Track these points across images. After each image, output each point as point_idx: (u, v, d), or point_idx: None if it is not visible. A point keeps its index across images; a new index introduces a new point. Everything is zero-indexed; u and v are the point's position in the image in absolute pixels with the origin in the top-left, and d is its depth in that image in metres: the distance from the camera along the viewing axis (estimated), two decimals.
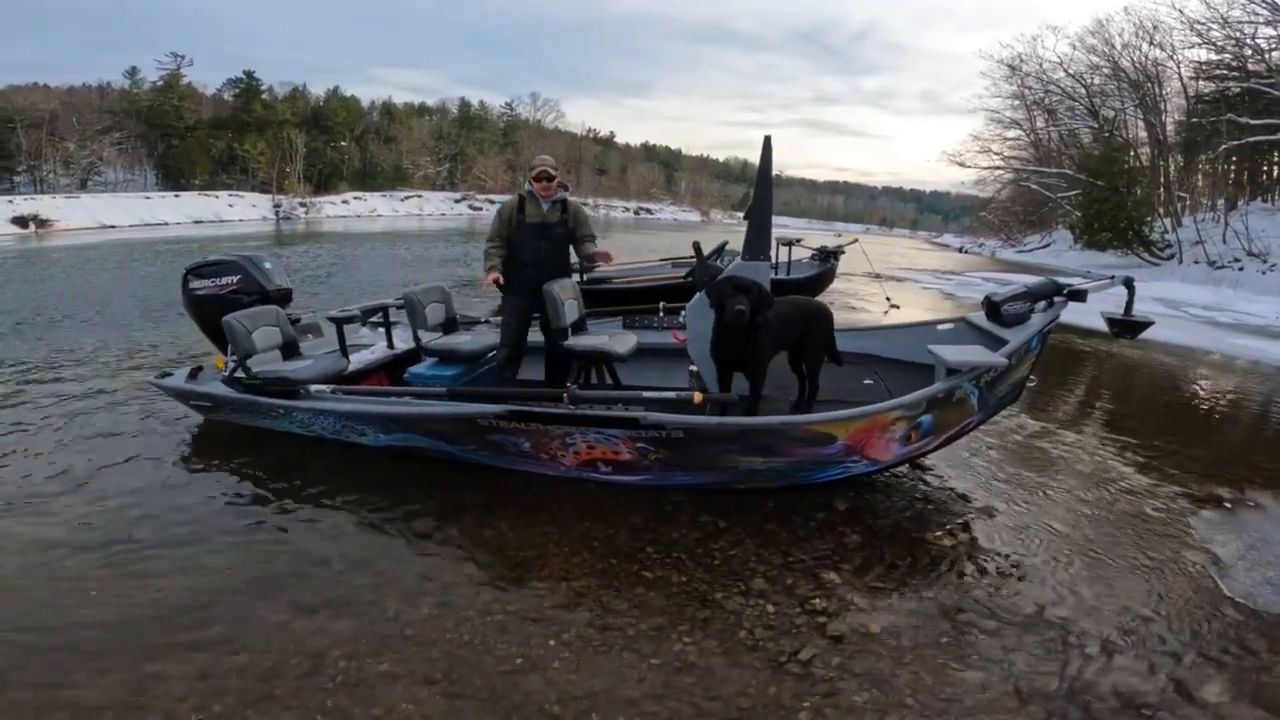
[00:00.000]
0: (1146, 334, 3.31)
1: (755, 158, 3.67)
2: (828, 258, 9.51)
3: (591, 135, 70.37)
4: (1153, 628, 2.32)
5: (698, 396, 2.82)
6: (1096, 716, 1.92)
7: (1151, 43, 21.20)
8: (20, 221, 28.51)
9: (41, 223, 28.84)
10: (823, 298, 9.77)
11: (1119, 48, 22.90)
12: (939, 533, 2.91)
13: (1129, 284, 3.16)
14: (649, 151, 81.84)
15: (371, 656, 2.09)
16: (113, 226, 26.92)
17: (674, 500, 3.10)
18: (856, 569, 2.61)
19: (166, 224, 28.30)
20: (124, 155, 40.39)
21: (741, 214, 4.13)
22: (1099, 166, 22.16)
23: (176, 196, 33.76)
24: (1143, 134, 23.41)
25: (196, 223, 29.35)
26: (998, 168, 31.05)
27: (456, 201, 47.65)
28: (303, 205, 37.26)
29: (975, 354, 2.97)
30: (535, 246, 3.93)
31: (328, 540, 2.77)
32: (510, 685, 2.00)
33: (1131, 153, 22.75)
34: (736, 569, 2.60)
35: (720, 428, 2.88)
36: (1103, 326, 3.24)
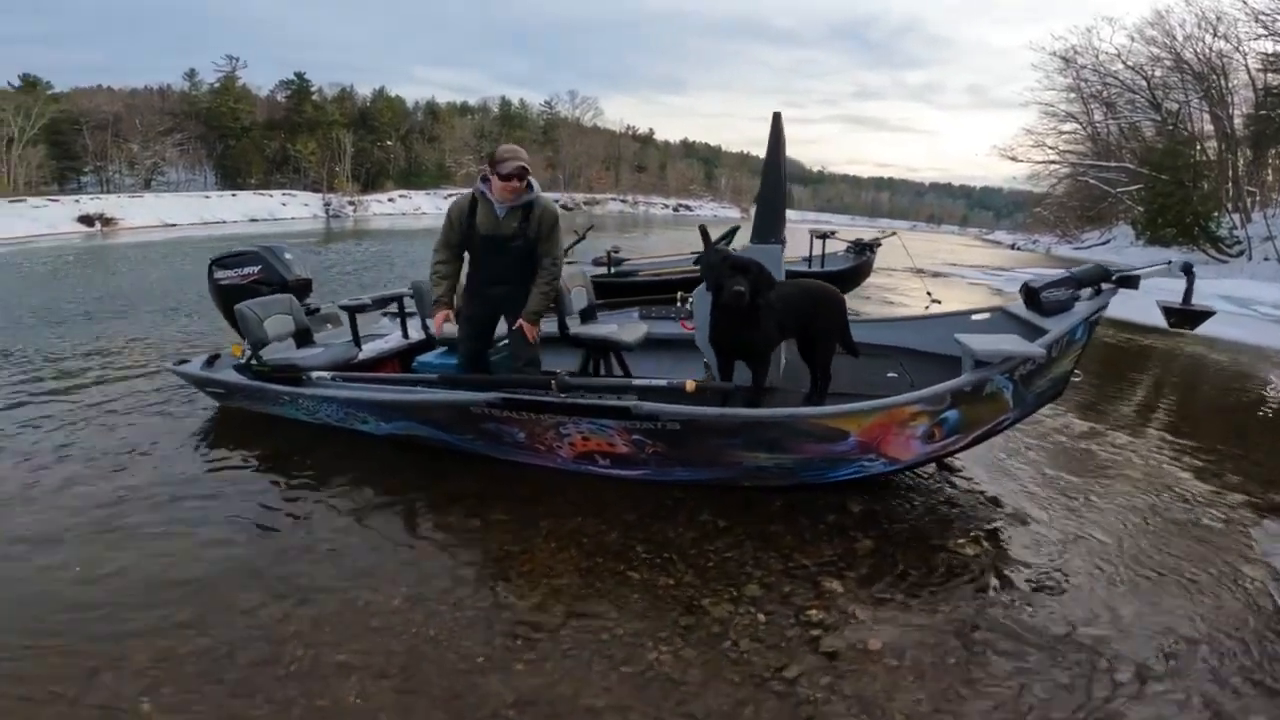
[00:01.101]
0: (1212, 332, 3.00)
1: (795, 154, 3.41)
2: (864, 250, 9.14)
3: (630, 132, 70.37)
4: (1198, 652, 2.03)
5: (690, 385, 2.63)
6: None
7: (1215, 34, 19.86)
8: (86, 220, 30.08)
9: (107, 221, 30.38)
10: (859, 292, 9.42)
11: (1180, 39, 21.55)
12: (961, 540, 2.64)
13: (1188, 270, 2.82)
14: (688, 148, 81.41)
15: (331, 646, 2.00)
16: (174, 225, 28.15)
17: (675, 496, 2.91)
18: (863, 578, 2.38)
19: (224, 222, 29.40)
20: (185, 155, 42.32)
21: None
22: (1162, 160, 21.13)
23: (234, 195, 35.13)
24: (1209, 127, 22.02)
25: (252, 220, 30.42)
26: (1053, 162, 29.59)
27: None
28: (351, 204, 38.33)
29: (1008, 343, 2.69)
30: (488, 262, 3.13)
31: (315, 528, 2.71)
32: (468, 684, 1.86)
33: (1197, 146, 21.44)
34: (730, 573, 2.40)
35: (719, 419, 2.67)
36: (1162, 322, 2.89)
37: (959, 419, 2.73)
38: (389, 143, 48.65)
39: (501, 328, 3.31)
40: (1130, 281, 2.83)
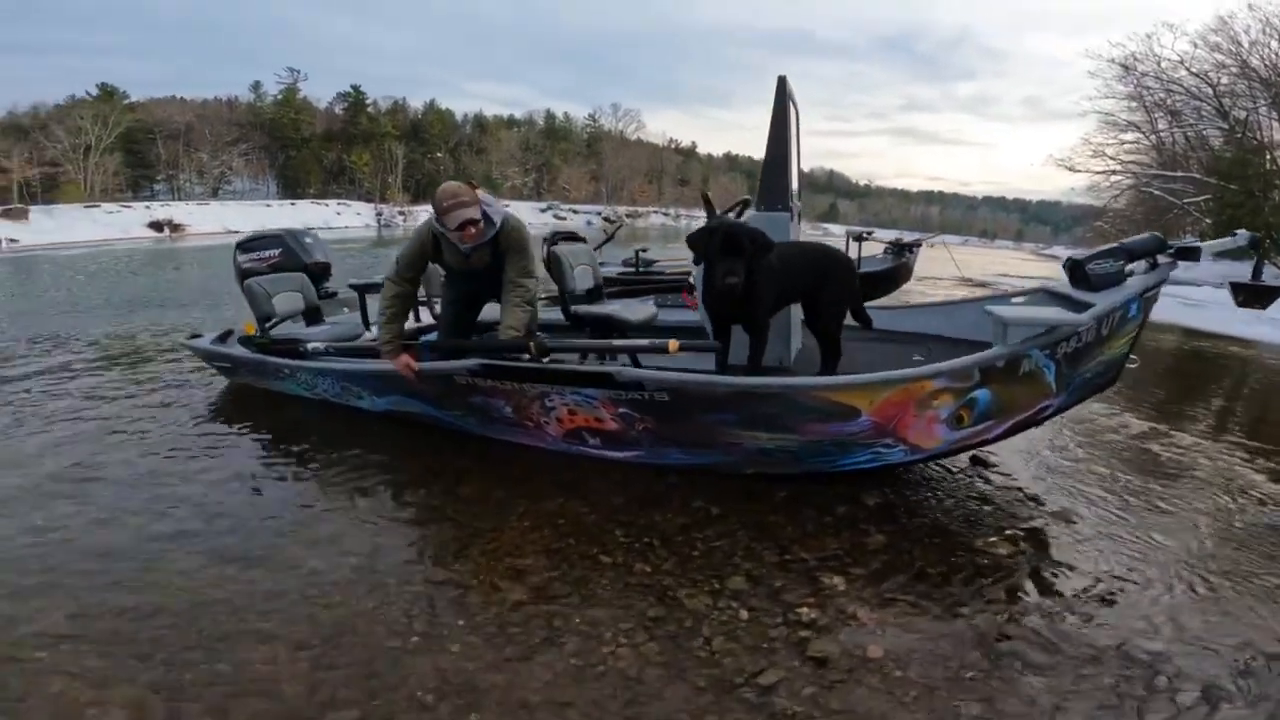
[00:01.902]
0: None
1: (841, 168, 3.10)
2: (902, 251, 8.70)
3: (673, 146, 70.55)
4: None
5: (673, 344, 2.35)
6: None
7: None
8: (156, 226, 31.79)
9: (175, 227, 32.05)
10: (896, 297, 8.95)
11: (1246, 45, 20.26)
12: (994, 538, 2.28)
13: (1256, 244, 2.46)
14: (731, 162, 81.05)
15: (259, 613, 1.82)
16: (236, 231, 29.37)
17: (669, 482, 2.64)
18: (871, 575, 2.04)
19: None
20: (250, 165, 44.34)
21: (832, 226, 3.52)
22: (1231, 170, 19.90)
23: (293, 204, 36.66)
24: (1279, 135, 20.56)
25: (308, 228, 31.64)
26: (1114, 172, 28.05)
27: (542, 211, 48.85)
28: (401, 213, 39.41)
29: (1046, 313, 2.33)
30: (461, 289, 3.06)
31: (287, 496, 2.58)
32: (392, 664, 1.62)
33: (1268, 155, 20.06)
34: (716, 564, 2.10)
35: (708, 387, 2.39)
36: (1238, 332, 2.50)
37: (991, 401, 2.37)
38: (439, 154, 49.94)
39: (489, 312, 3.13)
40: (1191, 253, 2.46)
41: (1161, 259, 2.50)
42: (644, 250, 8.71)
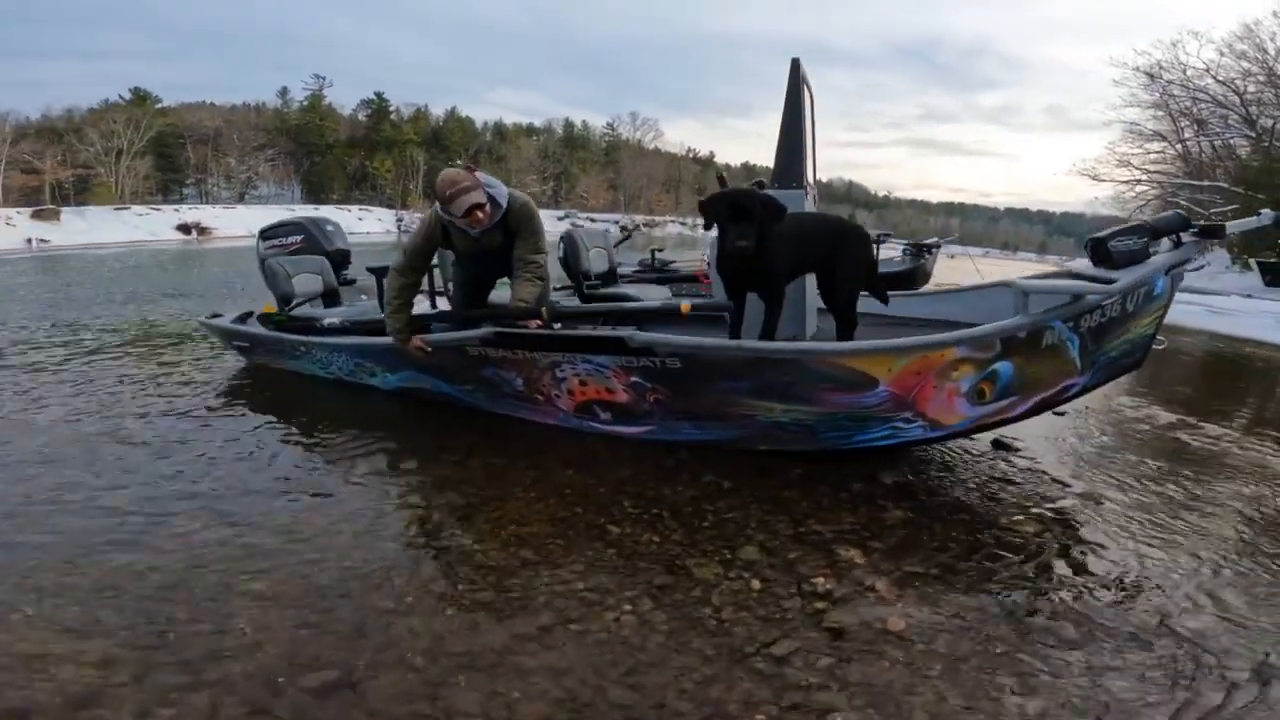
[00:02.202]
0: None
1: (860, 179, 3.06)
2: (920, 253, 8.55)
3: (691, 155, 70.68)
4: None
5: (685, 306, 2.28)
6: None
7: None
8: (184, 228, 32.48)
9: (202, 230, 32.72)
10: None
11: (1273, 53, 19.84)
12: (1019, 516, 2.16)
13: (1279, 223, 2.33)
14: (749, 171, 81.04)
15: (251, 573, 1.76)
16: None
17: (680, 458, 2.56)
18: (890, 549, 1.94)
19: None
20: (275, 171, 45.17)
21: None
22: (1258, 179, 19.39)
23: (316, 210, 37.20)
24: None
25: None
26: (1139, 182, 27.50)
27: (560, 219, 49.17)
28: (422, 219, 39.86)
29: (1069, 283, 2.23)
30: (471, 271, 3.03)
31: (292, 465, 2.55)
32: (380, 624, 1.55)
33: None
34: (728, 535, 2.01)
35: (722, 352, 2.31)
36: (1265, 337, 2.38)
37: (1013, 376, 2.26)
38: (459, 162, 50.48)
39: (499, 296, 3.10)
40: (1215, 231, 2.35)
41: (1185, 237, 2.39)
42: (659, 250, 8.68)
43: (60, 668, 1.39)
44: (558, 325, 2.54)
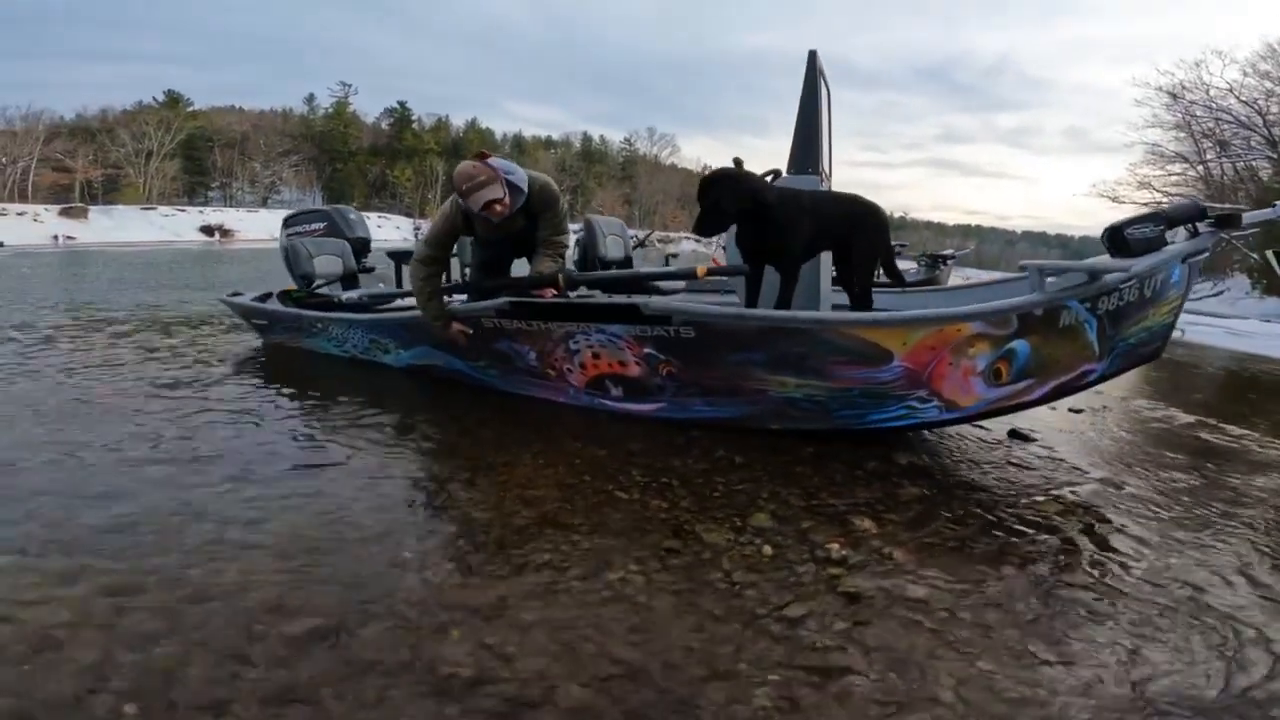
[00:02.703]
0: None
1: (878, 199, 3.01)
2: (935, 263, 8.51)
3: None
4: None
5: (701, 270, 2.25)
6: None
7: None
8: (207, 230, 33.09)
9: (225, 232, 33.31)
10: None
11: None
12: (1040, 498, 2.08)
13: None
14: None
15: (249, 524, 1.72)
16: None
17: (690, 435, 2.51)
18: (906, 522, 1.87)
19: None
20: (299, 177, 46.01)
21: None
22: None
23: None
24: None
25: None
26: (1160, 204, 27.18)
27: (575, 232, 49.51)
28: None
29: (1085, 262, 2.18)
30: (491, 254, 3.01)
31: (299, 431, 2.54)
32: (377, 578, 1.50)
33: None
34: (739, 505, 1.95)
35: (737, 320, 2.28)
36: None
37: (1030, 356, 2.19)
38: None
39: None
40: (1232, 221, 2.29)
41: (1202, 227, 2.33)
42: (674, 256, 8.68)
43: (32, 611, 1.34)
44: (574, 294, 2.52)
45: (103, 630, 1.28)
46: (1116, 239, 2.38)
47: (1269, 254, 2.36)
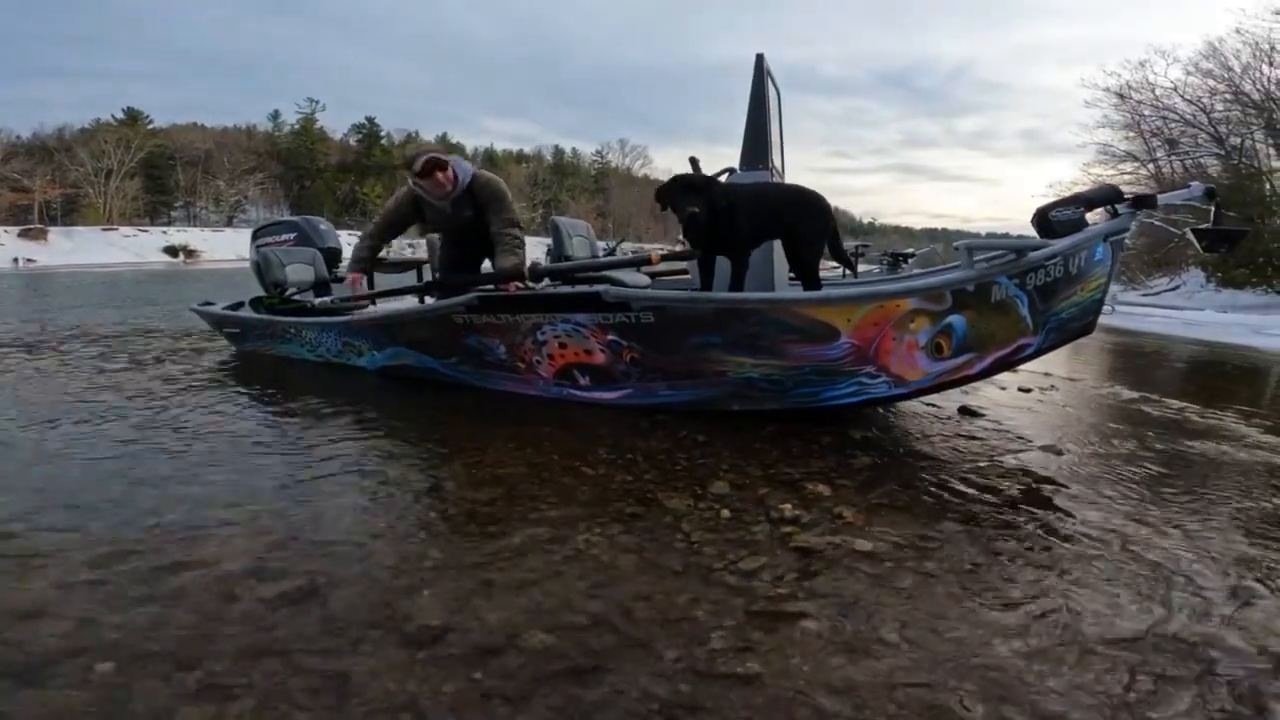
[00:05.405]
0: None
1: (846, 205, 3.26)
2: (897, 262, 8.72)
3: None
4: None
5: (655, 255, 2.36)
6: (1220, 673, 1.20)
7: (1271, 64, 18.77)
8: (171, 251, 32.36)
9: (190, 252, 32.63)
10: None
11: (1238, 70, 20.52)
12: (984, 464, 2.20)
13: (1212, 194, 2.48)
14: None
15: (228, 506, 1.78)
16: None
17: (657, 420, 2.59)
18: (858, 486, 1.97)
19: None
20: (265, 194, 45.30)
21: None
22: (1229, 197, 19.87)
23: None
24: (1276, 162, 20.65)
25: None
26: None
27: (549, 246, 49.60)
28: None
29: (1009, 241, 2.34)
30: (453, 252, 3.22)
31: (274, 423, 2.63)
32: (351, 546, 1.56)
33: (1267, 183, 20.11)
34: (699, 476, 2.03)
35: (692, 304, 2.39)
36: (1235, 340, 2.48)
37: (967, 331, 2.33)
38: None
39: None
40: (1147, 201, 2.46)
41: (1121, 208, 2.51)
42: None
43: (16, 581, 1.38)
44: (538, 285, 2.61)
45: (86, 597, 1.34)
46: (1044, 223, 2.55)
47: (1187, 231, 2.52)
